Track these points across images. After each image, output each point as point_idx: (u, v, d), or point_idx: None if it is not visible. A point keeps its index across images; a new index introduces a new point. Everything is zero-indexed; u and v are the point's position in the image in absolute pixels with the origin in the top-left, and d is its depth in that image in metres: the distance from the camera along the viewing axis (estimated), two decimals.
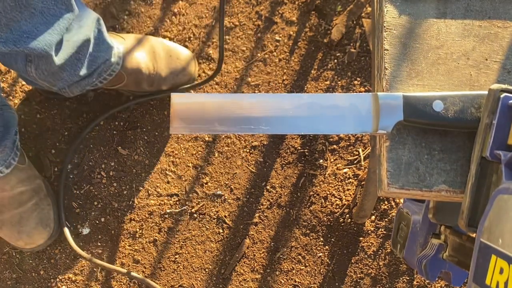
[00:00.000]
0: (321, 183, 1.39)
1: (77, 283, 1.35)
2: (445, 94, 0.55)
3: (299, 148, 1.40)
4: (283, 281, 1.35)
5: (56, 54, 1.08)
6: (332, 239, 1.37)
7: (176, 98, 0.55)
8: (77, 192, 1.39)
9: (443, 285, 1.35)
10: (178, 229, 1.37)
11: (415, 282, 1.35)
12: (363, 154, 1.40)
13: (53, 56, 1.05)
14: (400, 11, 0.62)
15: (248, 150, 1.40)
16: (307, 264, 1.36)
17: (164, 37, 1.46)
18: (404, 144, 0.57)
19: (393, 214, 1.38)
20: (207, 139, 1.41)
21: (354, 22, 1.46)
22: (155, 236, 1.37)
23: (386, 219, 1.37)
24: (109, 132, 1.41)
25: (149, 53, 1.36)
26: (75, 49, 1.12)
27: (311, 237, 1.36)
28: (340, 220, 1.37)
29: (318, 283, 1.35)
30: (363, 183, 1.37)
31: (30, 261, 1.36)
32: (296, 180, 1.39)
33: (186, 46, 1.44)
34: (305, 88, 1.43)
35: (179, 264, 1.36)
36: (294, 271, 1.35)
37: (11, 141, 1.21)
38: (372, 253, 1.36)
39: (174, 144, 1.41)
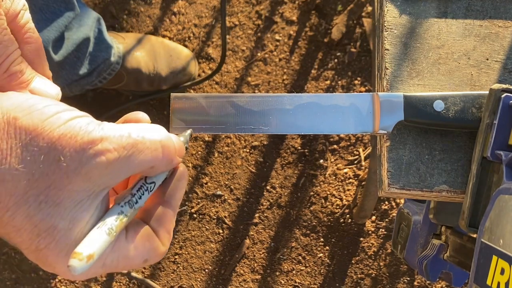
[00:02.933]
0: (321, 183, 1.39)
1: (76, 283, 1.35)
2: (446, 94, 0.55)
3: (299, 148, 1.40)
4: (283, 282, 1.35)
5: (56, 51, 1.08)
6: (333, 240, 1.36)
7: (176, 98, 0.54)
8: None
9: (443, 286, 1.35)
10: (177, 230, 1.37)
11: (415, 283, 1.34)
12: (363, 154, 1.40)
13: (50, 51, 1.05)
14: (400, 10, 0.62)
15: (248, 150, 1.40)
16: (307, 265, 1.36)
17: (164, 36, 1.46)
18: (404, 144, 0.57)
19: (394, 214, 1.37)
20: (207, 139, 1.41)
21: (355, 21, 1.46)
22: None
23: (386, 220, 1.37)
24: None
25: (149, 52, 1.35)
26: (74, 47, 1.12)
27: (312, 238, 1.36)
28: (341, 221, 1.37)
29: (319, 284, 1.35)
30: (363, 183, 1.36)
31: (29, 262, 1.36)
32: (296, 180, 1.39)
33: (185, 46, 1.44)
34: (305, 88, 1.43)
35: (179, 265, 1.36)
36: (294, 272, 1.35)
37: None
38: (372, 253, 1.36)
39: None
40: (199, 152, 1.40)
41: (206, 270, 1.36)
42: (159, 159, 0.38)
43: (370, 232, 1.36)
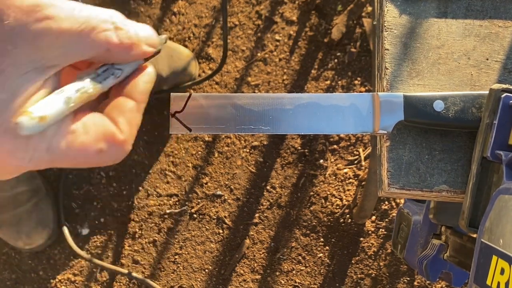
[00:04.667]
0: (321, 183, 1.39)
1: (76, 283, 1.35)
2: (445, 94, 0.55)
3: (299, 148, 1.40)
4: (283, 282, 1.35)
5: None
6: (333, 240, 1.36)
7: (176, 98, 0.54)
8: (77, 192, 1.38)
9: (443, 286, 1.35)
10: (177, 230, 1.37)
11: (415, 283, 1.34)
12: (363, 154, 1.40)
13: None
14: (400, 10, 0.62)
15: (248, 150, 1.40)
16: (307, 265, 1.36)
17: None
18: (404, 144, 0.57)
19: (394, 214, 1.37)
20: (207, 139, 1.41)
21: (355, 21, 1.46)
22: (155, 236, 1.37)
23: (386, 220, 1.37)
24: None
25: None
26: None
27: (311, 238, 1.36)
28: (341, 221, 1.37)
29: (319, 284, 1.35)
30: (363, 183, 1.36)
31: (29, 262, 1.36)
32: (296, 180, 1.39)
33: (185, 46, 1.44)
34: (305, 88, 1.43)
35: (179, 265, 1.36)
36: (294, 272, 1.35)
37: None
38: (372, 253, 1.36)
39: (174, 144, 1.41)
40: (199, 152, 1.40)
41: (206, 270, 1.36)
42: (113, 40, 0.35)
43: (370, 232, 1.36)
